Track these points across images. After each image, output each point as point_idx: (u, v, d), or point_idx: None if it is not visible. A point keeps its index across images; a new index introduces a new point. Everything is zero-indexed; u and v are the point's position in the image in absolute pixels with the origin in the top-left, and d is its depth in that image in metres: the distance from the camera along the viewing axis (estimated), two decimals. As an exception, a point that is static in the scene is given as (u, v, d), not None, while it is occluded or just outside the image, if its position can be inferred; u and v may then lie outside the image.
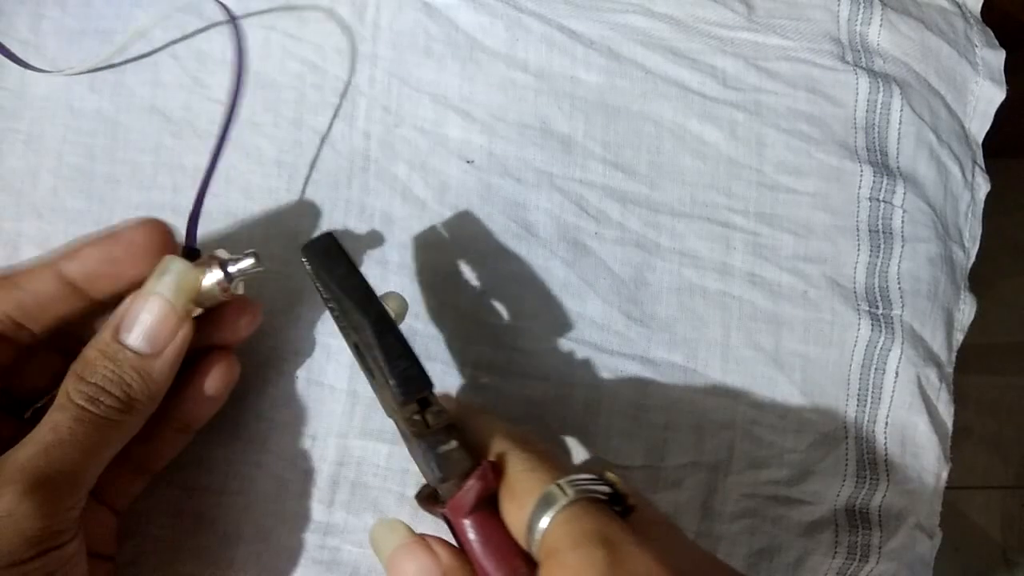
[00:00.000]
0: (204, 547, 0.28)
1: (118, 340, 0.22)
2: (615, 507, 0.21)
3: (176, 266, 0.23)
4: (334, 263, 0.23)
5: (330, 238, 0.24)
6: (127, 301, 0.23)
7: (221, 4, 0.28)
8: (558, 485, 0.20)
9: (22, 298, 0.22)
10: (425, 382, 0.22)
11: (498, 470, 0.21)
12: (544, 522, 0.20)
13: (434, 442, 0.21)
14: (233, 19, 0.28)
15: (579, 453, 0.30)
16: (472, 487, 0.21)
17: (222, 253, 0.24)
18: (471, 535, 0.21)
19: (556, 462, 0.22)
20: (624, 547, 0.19)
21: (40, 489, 0.20)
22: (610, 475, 0.21)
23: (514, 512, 0.21)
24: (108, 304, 0.24)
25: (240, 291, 0.25)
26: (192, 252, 0.25)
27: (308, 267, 0.24)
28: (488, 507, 0.21)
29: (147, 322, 0.23)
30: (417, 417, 0.22)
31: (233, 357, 0.26)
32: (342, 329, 0.25)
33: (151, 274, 0.23)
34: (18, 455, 0.21)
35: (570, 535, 0.19)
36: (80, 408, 0.21)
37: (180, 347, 0.23)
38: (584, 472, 0.21)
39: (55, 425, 0.21)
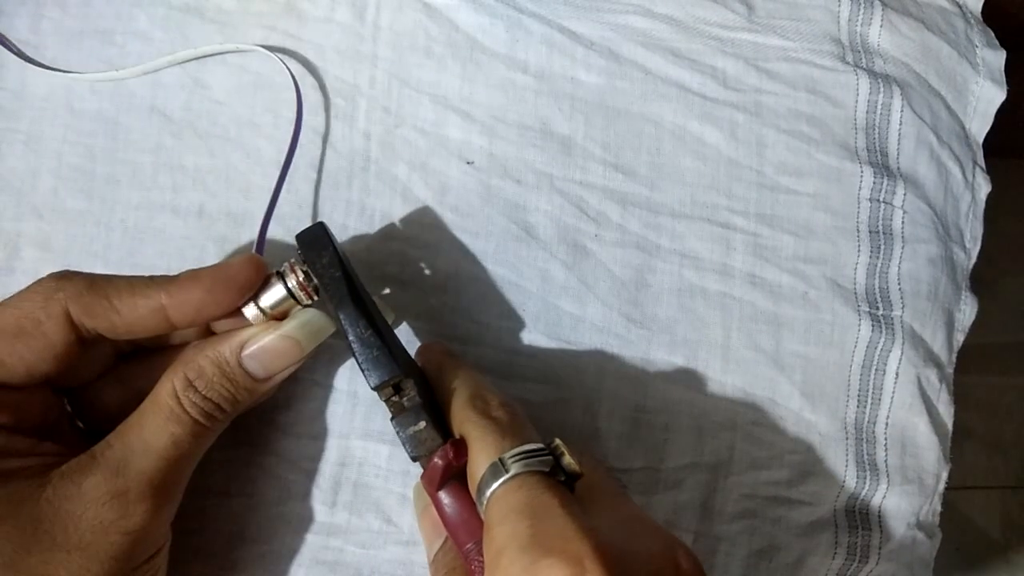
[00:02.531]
0: (208, 547, 0.28)
1: (240, 362, 0.24)
2: (559, 476, 0.21)
3: (312, 315, 0.25)
4: (319, 252, 0.24)
5: (320, 228, 0.25)
6: (254, 329, 0.24)
7: (291, 74, 0.30)
8: (500, 460, 0.21)
9: (116, 322, 0.23)
10: (393, 369, 0.23)
11: (461, 448, 0.22)
12: (486, 496, 0.21)
13: (405, 423, 0.23)
14: (297, 90, 0.30)
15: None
16: (435, 466, 0.22)
17: (298, 267, 0.25)
18: (443, 507, 0.23)
19: (511, 429, 0.22)
20: (550, 518, 0.19)
21: (165, 502, 0.22)
22: (558, 442, 0.22)
23: (471, 485, 0.22)
24: None
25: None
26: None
27: (300, 250, 0.25)
28: (461, 479, 0.23)
29: (273, 356, 0.24)
30: (395, 399, 0.23)
31: None
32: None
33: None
34: (144, 467, 0.22)
35: (501, 510, 0.20)
36: (196, 423, 0.23)
37: (287, 375, 0.25)
38: (533, 443, 0.22)
39: (176, 440, 0.22)
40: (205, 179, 0.30)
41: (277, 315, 0.25)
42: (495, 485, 0.20)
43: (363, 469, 0.29)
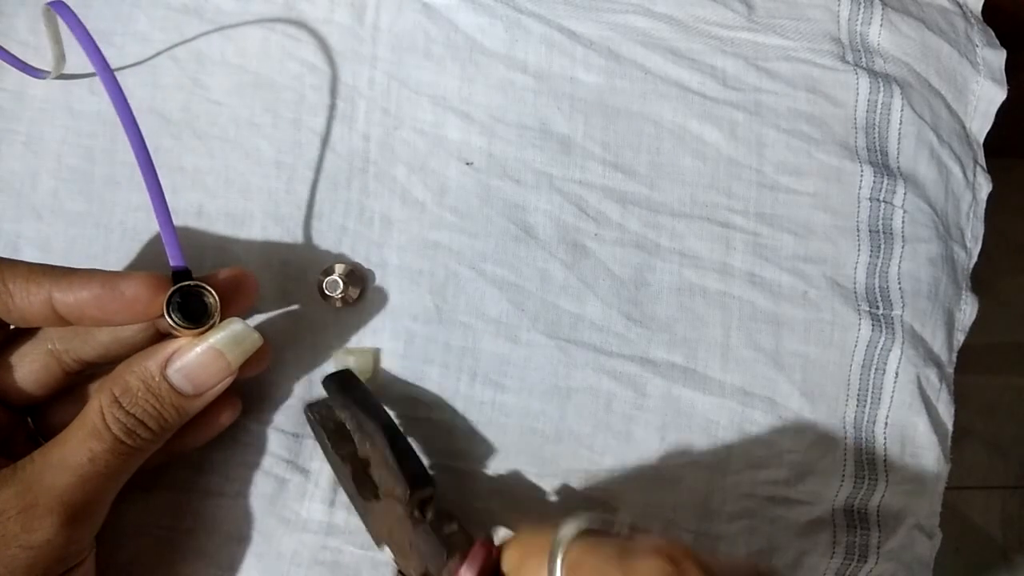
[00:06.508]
0: (205, 548, 0.28)
1: (165, 377, 0.23)
2: None
3: (238, 327, 0.24)
4: (351, 387, 0.27)
5: (348, 372, 0.27)
6: (181, 341, 0.24)
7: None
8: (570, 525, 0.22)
9: (9, 306, 0.23)
10: (429, 479, 0.25)
11: (493, 544, 0.24)
12: (569, 539, 0.21)
13: (438, 525, 0.24)
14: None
15: (578, 455, 0.30)
16: (478, 553, 0.24)
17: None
18: None
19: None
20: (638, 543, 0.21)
21: (77, 519, 0.22)
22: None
23: (536, 547, 0.22)
24: None
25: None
26: (182, 275, 0.24)
27: (327, 391, 0.27)
28: None
29: (199, 371, 0.24)
30: (418, 512, 0.25)
31: (238, 397, 0.27)
32: (340, 460, 0.26)
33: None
34: (56, 482, 0.22)
35: (604, 553, 0.21)
36: (117, 440, 0.23)
37: (219, 391, 0.25)
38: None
39: (93, 456, 0.22)
40: (204, 180, 0.30)
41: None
42: (584, 526, 0.22)
43: (362, 469, 0.29)
